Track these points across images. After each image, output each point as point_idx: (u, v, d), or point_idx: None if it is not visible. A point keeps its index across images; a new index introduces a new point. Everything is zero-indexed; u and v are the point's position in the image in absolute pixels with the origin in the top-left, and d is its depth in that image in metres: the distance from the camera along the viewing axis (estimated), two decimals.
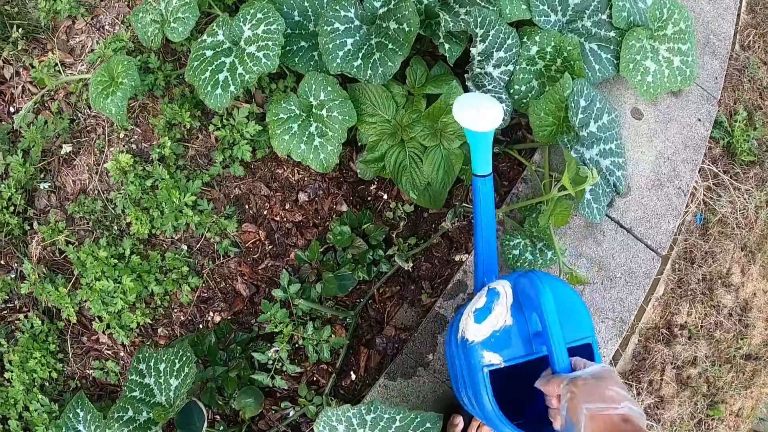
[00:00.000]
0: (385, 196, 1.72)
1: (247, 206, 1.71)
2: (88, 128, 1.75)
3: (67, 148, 1.72)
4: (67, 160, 1.74)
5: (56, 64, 1.77)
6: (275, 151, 1.57)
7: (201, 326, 1.68)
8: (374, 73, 1.52)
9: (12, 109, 1.80)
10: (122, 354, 1.70)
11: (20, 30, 1.80)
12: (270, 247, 1.69)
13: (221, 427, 1.60)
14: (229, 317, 1.68)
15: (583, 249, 1.57)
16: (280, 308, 1.58)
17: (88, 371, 1.70)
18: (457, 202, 1.67)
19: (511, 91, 1.56)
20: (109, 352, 1.71)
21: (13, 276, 1.72)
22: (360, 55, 1.54)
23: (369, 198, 1.73)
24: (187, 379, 1.54)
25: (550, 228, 1.43)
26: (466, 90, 1.57)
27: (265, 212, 1.71)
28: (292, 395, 1.61)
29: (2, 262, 1.74)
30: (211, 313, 1.69)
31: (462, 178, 1.62)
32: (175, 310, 1.69)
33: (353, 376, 1.61)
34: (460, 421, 1.46)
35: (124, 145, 1.72)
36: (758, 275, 2.53)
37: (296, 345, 1.60)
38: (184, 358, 1.55)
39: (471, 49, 1.53)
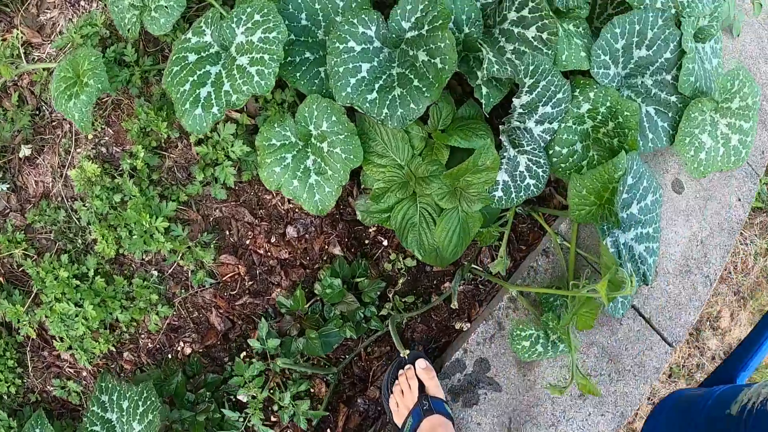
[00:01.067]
0: (385, 243, 1.37)
1: (227, 232, 1.36)
2: (53, 123, 1.35)
3: (26, 151, 1.33)
4: (29, 158, 1.35)
5: (20, 45, 1.33)
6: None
7: (170, 356, 1.38)
8: (391, 113, 1.12)
9: None
10: (84, 374, 1.41)
11: None
12: (250, 283, 1.36)
13: None
14: (201, 350, 1.37)
15: (596, 337, 1.26)
16: (257, 361, 1.28)
17: (48, 387, 1.42)
18: (465, 261, 1.33)
19: (551, 152, 1.18)
20: (71, 370, 1.41)
21: None
22: (376, 86, 1.13)
23: (366, 242, 1.38)
24: (150, 427, 1.26)
25: (570, 329, 1.11)
26: (499, 147, 1.18)
27: (247, 242, 1.36)
28: None
29: None
30: (181, 344, 1.38)
31: (476, 240, 1.27)
32: (143, 336, 1.38)
33: None
34: None
35: (92, 147, 1.33)
36: (746, 321, 2.28)
37: (271, 397, 1.31)
38: (149, 402, 1.26)
39: (514, 99, 1.12)
